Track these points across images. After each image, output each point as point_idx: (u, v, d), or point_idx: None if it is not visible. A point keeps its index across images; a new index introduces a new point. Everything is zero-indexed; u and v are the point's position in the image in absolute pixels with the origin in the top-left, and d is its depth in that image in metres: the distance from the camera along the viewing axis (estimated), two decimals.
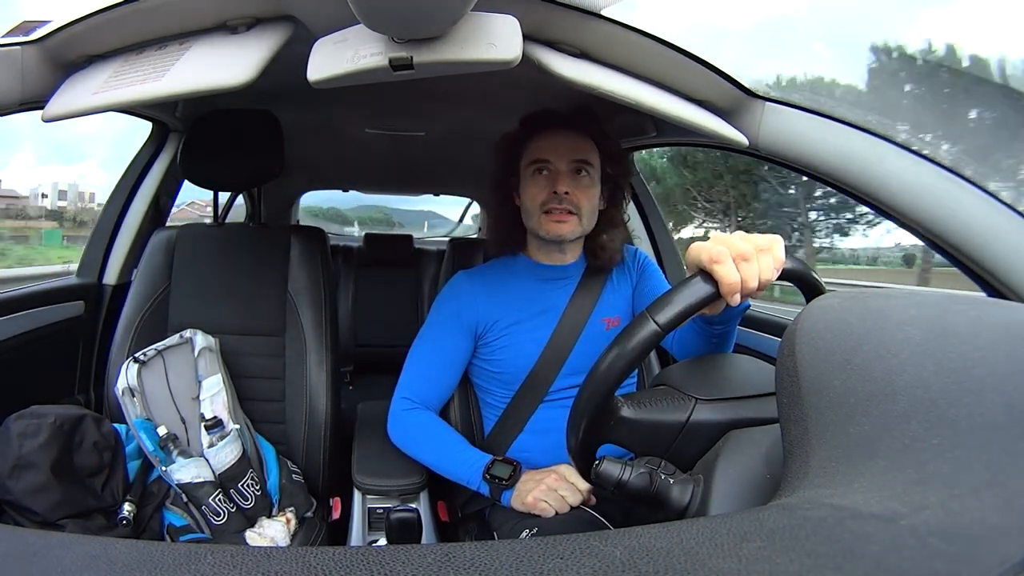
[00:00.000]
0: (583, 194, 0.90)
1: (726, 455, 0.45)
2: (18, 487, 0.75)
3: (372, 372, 1.98)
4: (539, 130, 0.92)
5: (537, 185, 0.90)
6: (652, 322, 0.48)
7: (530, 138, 0.93)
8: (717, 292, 0.50)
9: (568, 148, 0.90)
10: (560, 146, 0.90)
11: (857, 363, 0.30)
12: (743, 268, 0.50)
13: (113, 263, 1.30)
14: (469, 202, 2.75)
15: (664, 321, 0.48)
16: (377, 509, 0.93)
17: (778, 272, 0.53)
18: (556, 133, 0.91)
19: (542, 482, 0.81)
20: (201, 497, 0.88)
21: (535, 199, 0.90)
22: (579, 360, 0.92)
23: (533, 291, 0.95)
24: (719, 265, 0.49)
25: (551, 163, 0.89)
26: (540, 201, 0.90)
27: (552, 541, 0.24)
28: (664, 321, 0.48)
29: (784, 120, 0.73)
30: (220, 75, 0.61)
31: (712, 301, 0.50)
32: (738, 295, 0.50)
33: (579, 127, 0.92)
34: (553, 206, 0.88)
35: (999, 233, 0.61)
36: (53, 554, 0.23)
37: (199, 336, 1.01)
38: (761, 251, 0.52)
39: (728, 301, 0.51)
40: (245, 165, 1.11)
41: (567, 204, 0.88)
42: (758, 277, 0.51)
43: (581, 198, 0.89)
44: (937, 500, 0.24)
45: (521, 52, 0.60)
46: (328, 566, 0.22)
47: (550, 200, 0.89)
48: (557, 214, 0.89)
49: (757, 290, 0.52)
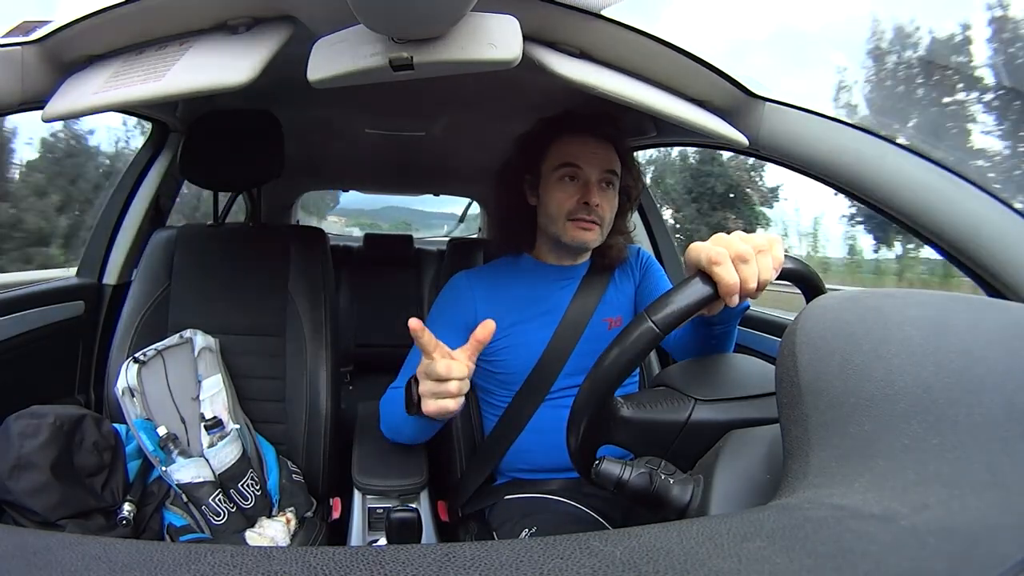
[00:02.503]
0: (608, 205, 0.90)
1: (726, 455, 0.45)
2: (18, 487, 0.75)
3: (372, 372, 1.98)
4: (567, 133, 0.91)
5: (565, 191, 0.89)
6: (650, 323, 0.48)
7: (555, 140, 0.91)
8: (716, 293, 0.50)
9: (600, 158, 0.89)
10: (593, 154, 0.89)
11: (857, 363, 0.30)
12: (742, 269, 0.50)
13: (113, 263, 1.30)
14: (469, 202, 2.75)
15: (662, 322, 0.48)
16: (377, 509, 0.93)
17: (777, 272, 0.53)
18: (587, 139, 0.90)
19: (424, 382, 0.68)
20: (201, 497, 0.88)
21: (562, 204, 0.89)
22: (581, 360, 0.92)
23: (535, 291, 0.95)
24: (718, 266, 0.49)
25: (583, 171, 0.88)
26: (568, 208, 0.89)
27: (552, 541, 0.24)
28: (662, 322, 0.48)
29: (784, 120, 0.73)
30: (220, 75, 0.61)
31: (711, 302, 0.50)
32: (737, 296, 0.50)
33: (605, 134, 0.91)
34: (583, 216, 0.88)
35: (999, 233, 0.61)
36: (53, 554, 0.23)
37: (199, 336, 1.01)
38: (760, 252, 0.52)
39: (727, 302, 0.51)
40: (245, 165, 1.11)
41: (595, 215, 0.88)
42: (757, 278, 0.51)
43: (607, 209, 0.90)
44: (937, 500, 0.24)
45: (521, 52, 0.60)
46: (328, 566, 0.22)
47: (579, 209, 0.88)
48: (584, 223, 0.89)
49: (756, 291, 0.52)
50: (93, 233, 1.32)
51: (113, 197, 1.32)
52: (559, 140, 0.91)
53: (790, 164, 0.74)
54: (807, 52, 28.98)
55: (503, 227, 1.02)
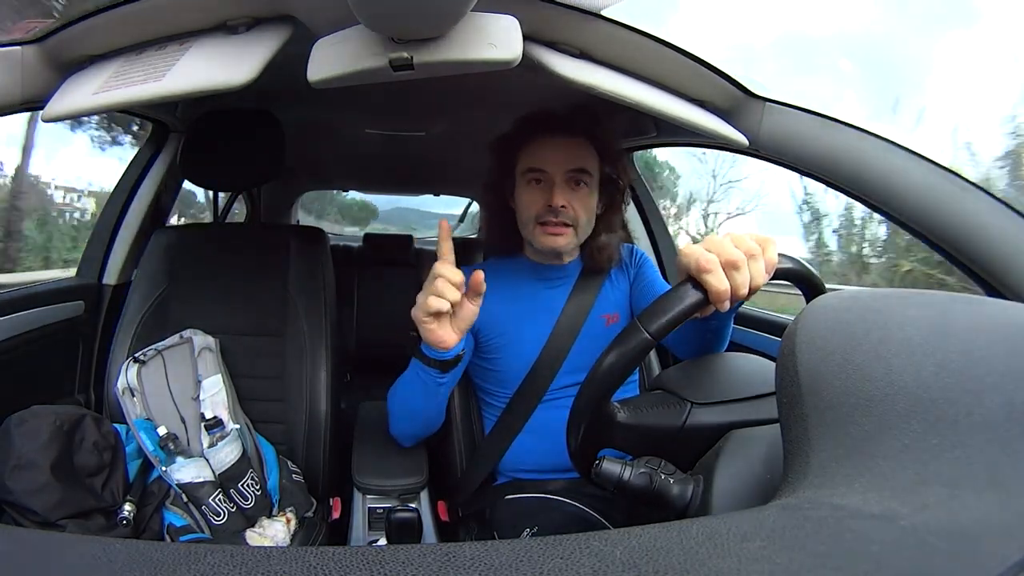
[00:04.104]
0: (580, 204, 0.87)
1: (726, 455, 0.46)
2: (18, 487, 0.75)
3: (372, 372, 1.98)
4: (534, 135, 0.89)
5: (531, 195, 0.88)
6: (643, 331, 0.48)
7: (525, 143, 0.90)
8: (706, 299, 0.49)
9: (564, 157, 0.87)
10: (555, 155, 0.87)
11: (857, 363, 0.30)
12: (733, 276, 0.49)
13: (113, 263, 1.30)
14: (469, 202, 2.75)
15: (655, 329, 0.48)
16: (377, 509, 0.93)
17: (770, 275, 0.52)
18: (552, 140, 0.88)
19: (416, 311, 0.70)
20: (201, 497, 0.88)
21: (529, 209, 0.88)
22: (579, 358, 0.92)
23: (532, 290, 0.95)
24: (707, 274, 0.49)
25: (547, 173, 0.87)
26: (534, 212, 0.87)
27: (552, 541, 0.24)
28: (655, 329, 0.48)
29: (784, 120, 0.73)
30: (220, 75, 0.61)
31: (701, 307, 0.50)
32: (728, 302, 0.50)
33: (576, 131, 0.89)
34: (548, 219, 0.86)
35: (999, 233, 0.61)
36: (53, 554, 0.23)
37: (199, 336, 1.01)
38: (752, 256, 0.51)
39: (718, 308, 0.50)
40: (245, 165, 1.11)
41: (563, 217, 0.86)
42: (748, 284, 0.50)
43: (578, 209, 0.87)
44: (937, 500, 0.24)
45: (521, 52, 0.60)
46: (328, 566, 0.22)
47: (545, 213, 0.86)
48: (552, 227, 0.87)
49: (748, 295, 0.51)
50: (93, 233, 1.32)
51: (113, 197, 1.32)
52: (529, 143, 0.89)
53: (790, 164, 0.74)
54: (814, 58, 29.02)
55: (491, 230, 1.01)
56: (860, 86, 20.60)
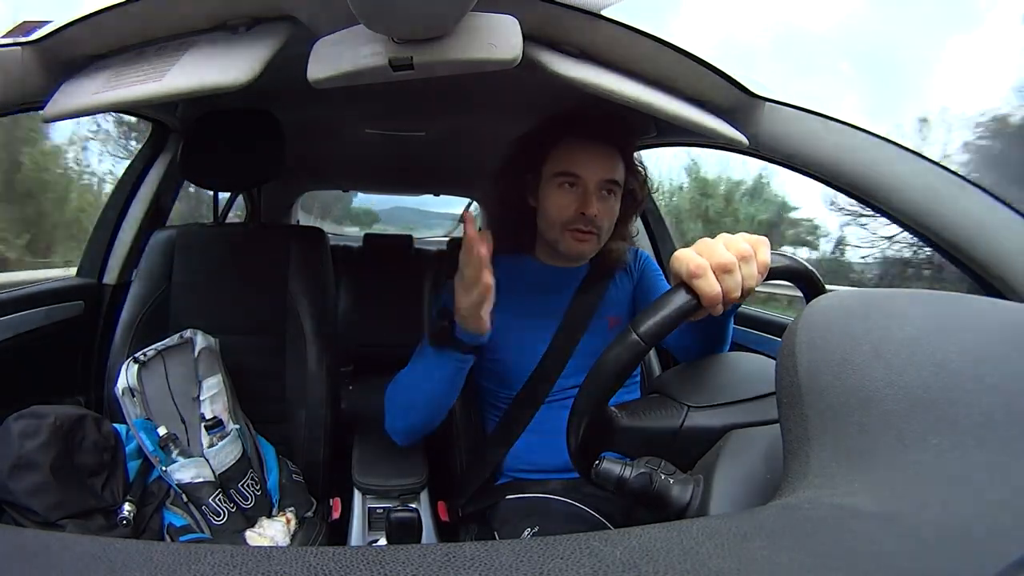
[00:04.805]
0: (607, 213, 0.88)
1: (726, 455, 0.46)
2: (18, 487, 0.75)
3: (372, 372, 1.97)
4: (569, 137, 0.89)
5: (563, 199, 0.87)
6: (635, 336, 0.48)
7: (558, 143, 0.89)
8: (699, 304, 0.49)
9: (600, 166, 0.87)
10: (593, 162, 0.87)
11: (857, 363, 0.30)
12: (725, 280, 0.49)
13: (113, 263, 1.30)
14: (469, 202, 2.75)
15: (646, 335, 0.48)
16: (377, 509, 0.93)
17: (763, 277, 0.52)
18: (588, 146, 0.88)
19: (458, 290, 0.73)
20: (201, 497, 0.88)
21: (559, 213, 0.88)
22: (582, 359, 0.91)
23: (536, 291, 0.95)
24: (698, 279, 0.48)
25: (582, 179, 0.86)
26: (565, 217, 0.87)
27: (552, 541, 0.24)
28: (646, 335, 0.48)
29: (784, 120, 0.73)
30: (220, 75, 0.61)
31: (694, 312, 0.50)
32: (720, 306, 0.49)
33: (612, 139, 0.89)
34: (579, 227, 0.87)
35: (999, 233, 0.61)
36: (53, 554, 0.23)
37: (199, 336, 1.01)
38: (744, 259, 0.50)
39: (711, 312, 0.50)
40: (245, 165, 1.11)
41: (592, 225, 0.87)
42: (740, 288, 0.50)
43: (605, 218, 0.88)
44: (937, 500, 0.24)
45: (521, 52, 0.60)
46: (328, 566, 0.22)
47: (576, 220, 0.86)
48: (581, 234, 0.87)
49: (741, 298, 0.51)
50: (93, 233, 1.33)
51: (113, 197, 1.33)
52: (562, 144, 0.89)
53: (790, 164, 0.74)
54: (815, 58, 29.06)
55: (502, 227, 0.99)
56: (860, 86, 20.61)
